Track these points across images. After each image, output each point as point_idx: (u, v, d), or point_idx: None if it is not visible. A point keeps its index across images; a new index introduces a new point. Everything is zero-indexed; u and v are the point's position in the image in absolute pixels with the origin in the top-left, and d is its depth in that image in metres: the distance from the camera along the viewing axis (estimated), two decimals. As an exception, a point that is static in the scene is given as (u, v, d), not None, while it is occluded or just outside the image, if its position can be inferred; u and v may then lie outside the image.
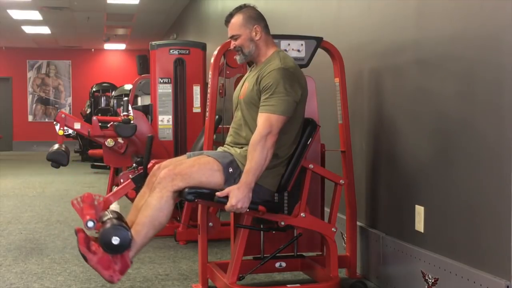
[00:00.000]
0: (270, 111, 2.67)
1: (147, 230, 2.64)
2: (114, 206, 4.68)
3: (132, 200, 3.43)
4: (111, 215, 2.65)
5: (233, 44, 2.90)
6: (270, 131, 2.64)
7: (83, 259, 2.59)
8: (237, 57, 2.93)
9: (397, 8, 3.08)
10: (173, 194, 2.66)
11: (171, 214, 2.69)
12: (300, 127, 2.83)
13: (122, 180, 4.21)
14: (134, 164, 4.49)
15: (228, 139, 2.93)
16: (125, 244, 2.53)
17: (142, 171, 3.14)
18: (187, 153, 2.97)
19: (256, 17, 2.88)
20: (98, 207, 2.74)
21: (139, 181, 2.97)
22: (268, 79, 2.71)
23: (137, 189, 2.99)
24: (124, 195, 3.13)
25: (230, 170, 2.71)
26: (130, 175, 4.05)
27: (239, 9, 2.89)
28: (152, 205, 2.64)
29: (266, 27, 2.90)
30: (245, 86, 2.89)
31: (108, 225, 2.55)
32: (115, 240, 2.50)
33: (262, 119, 2.67)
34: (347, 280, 3.23)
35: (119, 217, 2.66)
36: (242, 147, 2.80)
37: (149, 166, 3.82)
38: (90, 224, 2.60)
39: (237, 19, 2.86)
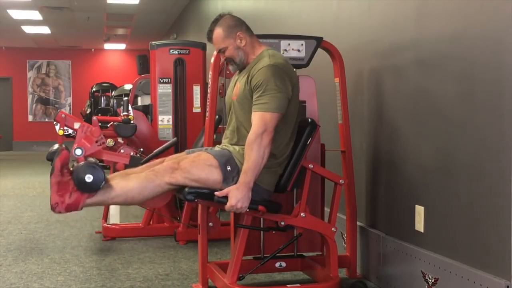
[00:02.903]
0: (263, 109, 2.66)
1: (117, 194, 2.60)
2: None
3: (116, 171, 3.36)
4: (94, 160, 2.65)
5: (222, 57, 2.90)
6: (265, 129, 2.63)
7: (50, 171, 2.56)
8: (231, 67, 2.93)
9: (397, 8, 3.08)
10: (166, 185, 2.63)
11: (147, 200, 2.66)
12: (295, 125, 2.82)
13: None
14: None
15: (224, 141, 2.92)
16: (95, 185, 2.51)
17: (144, 159, 3.11)
18: (186, 150, 2.95)
19: (236, 24, 2.86)
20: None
21: (135, 164, 2.94)
22: (259, 77, 2.70)
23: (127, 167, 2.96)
24: (114, 161, 3.06)
25: (228, 168, 2.71)
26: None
27: (216, 22, 2.88)
28: (140, 179, 2.61)
29: (248, 30, 2.89)
30: (237, 86, 2.88)
31: (87, 162, 2.54)
32: (88, 178, 2.49)
33: (256, 117, 2.67)
34: (347, 280, 3.23)
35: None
36: (240, 146, 2.79)
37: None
38: (78, 151, 2.59)
39: (218, 32, 2.85)
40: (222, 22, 2.86)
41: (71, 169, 2.58)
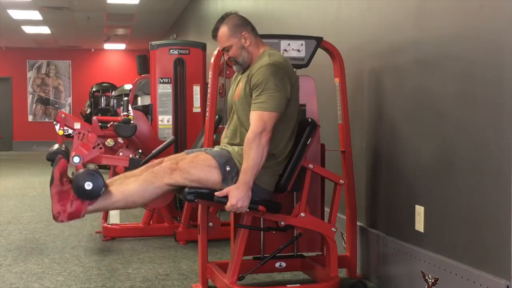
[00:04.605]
0: (262, 108, 2.66)
1: (118, 199, 2.61)
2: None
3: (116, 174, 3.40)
4: (93, 167, 2.65)
5: (226, 55, 2.89)
6: (264, 128, 2.63)
7: (50, 181, 2.57)
8: (234, 68, 2.93)
9: (397, 8, 3.08)
10: (165, 186, 2.64)
11: (148, 202, 2.67)
12: (295, 125, 2.82)
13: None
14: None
15: (224, 140, 2.92)
16: (95, 193, 2.52)
17: (143, 160, 3.12)
18: (185, 150, 2.95)
19: (241, 24, 2.86)
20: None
21: (135, 166, 2.96)
22: (258, 76, 2.70)
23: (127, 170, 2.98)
24: (113, 164, 3.08)
25: (227, 168, 2.71)
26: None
27: (222, 20, 2.87)
28: (140, 182, 2.62)
29: (253, 30, 2.89)
30: (238, 87, 2.88)
31: (86, 170, 2.55)
32: (88, 185, 2.49)
33: (255, 117, 2.66)
34: (347, 280, 3.23)
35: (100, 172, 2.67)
36: (239, 146, 2.79)
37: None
38: (76, 159, 2.61)
39: (223, 31, 2.84)
40: (228, 21, 2.85)
41: (70, 177, 2.59)
